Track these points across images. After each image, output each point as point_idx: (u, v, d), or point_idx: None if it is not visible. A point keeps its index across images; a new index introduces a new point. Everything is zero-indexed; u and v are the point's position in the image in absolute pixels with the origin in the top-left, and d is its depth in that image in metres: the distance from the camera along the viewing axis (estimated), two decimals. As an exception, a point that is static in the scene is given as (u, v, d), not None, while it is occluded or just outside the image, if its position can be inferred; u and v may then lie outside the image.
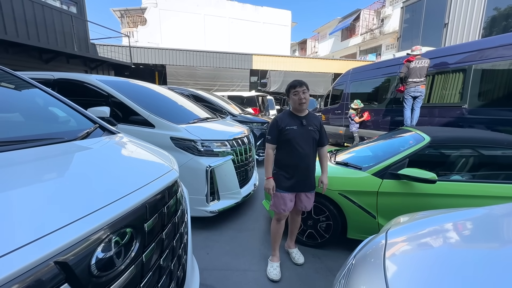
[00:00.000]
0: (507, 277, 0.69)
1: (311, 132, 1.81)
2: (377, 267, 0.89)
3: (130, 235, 0.83)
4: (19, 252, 0.54)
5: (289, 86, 1.82)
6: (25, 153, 0.97)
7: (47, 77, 2.87)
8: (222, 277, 1.88)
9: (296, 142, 1.78)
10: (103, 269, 0.71)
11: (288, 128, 1.78)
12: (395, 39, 13.68)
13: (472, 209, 1.10)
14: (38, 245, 0.58)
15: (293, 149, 1.79)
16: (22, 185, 0.78)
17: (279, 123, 1.81)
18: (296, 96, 1.77)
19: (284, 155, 1.85)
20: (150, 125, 2.56)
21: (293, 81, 1.82)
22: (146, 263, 0.90)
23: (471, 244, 0.92)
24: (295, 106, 1.82)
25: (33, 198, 0.72)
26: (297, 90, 1.77)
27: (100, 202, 0.78)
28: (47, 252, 0.57)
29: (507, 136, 2.10)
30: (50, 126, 1.59)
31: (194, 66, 12.94)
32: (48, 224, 0.63)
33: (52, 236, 0.61)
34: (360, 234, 2.09)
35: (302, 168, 1.82)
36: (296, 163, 1.81)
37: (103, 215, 0.74)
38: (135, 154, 1.34)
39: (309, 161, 1.82)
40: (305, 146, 1.79)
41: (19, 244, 0.56)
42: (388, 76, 5.40)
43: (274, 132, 1.82)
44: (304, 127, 1.79)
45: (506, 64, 3.55)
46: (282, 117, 1.85)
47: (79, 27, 6.85)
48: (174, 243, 1.16)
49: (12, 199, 0.70)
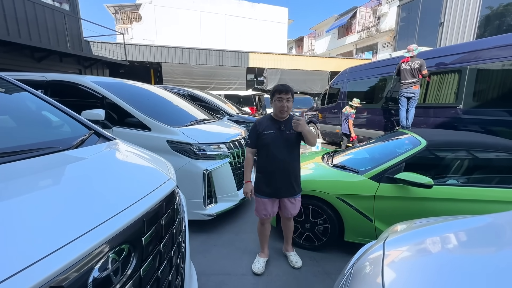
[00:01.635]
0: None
1: (290, 136, 1.76)
2: (375, 280, 0.89)
3: (127, 251, 0.82)
4: (14, 280, 0.53)
5: (274, 90, 1.74)
6: (18, 166, 0.95)
7: (40, 78, 2.81)
8: (220, 282, 1.88)
9: (273, 147, 1.75)
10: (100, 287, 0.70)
11: (266, 133, 1.76)
12: (392, 37, 13.74)
13: (473, 217, 1.10)
14: (33, 270, 0.56)
15: (270, 154, 1.77)
16: (16, 203, 0.76)
17: (258, 127, 1.79)
18: (280, 103, 1.71)
19: (262, 160, 1.83)
20: (146, 128, 2.53)
21: (279, 85, 1.73)
22: (144, 277, 0.89)
23: (471, 255, 0.93)
24: (276, 112, 1.78)
25: (26, 218, 0.70)
26: (282, 96, 1.70)
27: (97, 219, 0.76)
28: (42, 277, 0.56)
29: (502, 140, 2.13)
30: (43, 133, 1.56)
31: (190, 64, 12.81)
32: (42, 247, 0.62)
33: (47, 260, 0.59)
34: (357, 237, 2.10)
35: (280, 174, 1.79)
36: (274, 168, 1.78)
37: (100, 233, 0.73)
38: (131, 164, 1.32)
39: (288, 166, 1.79)
40: (283, 151, 1.76)
41: (13, 271, 0.54)
42: (385, 75, 5.42)
43: (253, 136, 1.82)
44: (282, 132, 1.76)
45: (499, 65, 3.58)
46: (261, 121, 1.83)
47: (72, 24, 6.70)
48: (172, 253, 1.15)
49: (5, 218, 0.68)
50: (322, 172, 2.43)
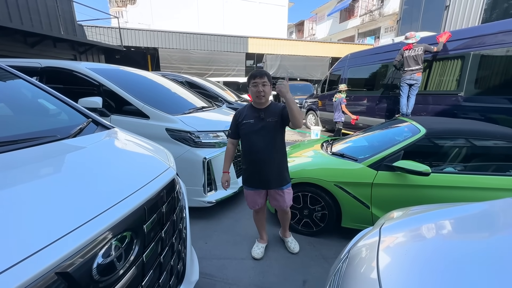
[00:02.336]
0: (502, 275, 0.73)
1: (269, 124, 1.68)
2: (370, 264, 0.92)
3: (130, 238, 0.84)
4: (21, 266, 0.55)
5: (248, 76, 1.68)
6: (19, 155, 0.95)
7: (34, 65, 2.75)
8: (221, 266, 1.94)
9: (253, 136, 1.70)
10: (104, 274, 0.72)
11: (245, 122, 1.71)
12: (395, 21, 13.33)
13: (467, 205, 1.13)
14: (39, 257, 0.58)
15: (250, 143, 1.72)
16: (20, 191, 0.77)
17: (237, 117, 1.76)
18: (255, 88, 1.63)
19: (245, 151, 1.80)
20: (144, 116, 2.51)
21: (253, 71, 1.67)
22: (147, 263, 0.92)
23: (465, 241, 0.95)
24: (253, 99, 1.70)
25: (30, 207, 0.72)
26: (256, 81, 1.62)
27: (99, 208, 0.77)
28: (48, 263, 0.58)
29: (501, 128, 2.13)
30: (40, 121, 1.54)
31: (188, 49, 12.51)
32: (47, 235, 0.63)
33: (52, 247, 0.61)
34: (354, 223, 2.15)
35: (261, 164, 1.73)
36: (255, 158, 1.73)
37: (103, 221, 0.74)
38: (131, 153, 1.32)
39: (269, 156, 1.72)
40: (263, 140, 1.69)
41: (20, 257, 0.56)
42: (387, 62, 5.31)
43: (233, 126, 1.79)
44: (262, 120, 1.68)
45: (504, 50, 3.51)
46: (241, 110, 1.78)
47: (64, 8, 6.44)
48: (174, 240, 1.18)
49: (10, 208, 0.69)
50: (321, 160, 2.44)
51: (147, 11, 16.00)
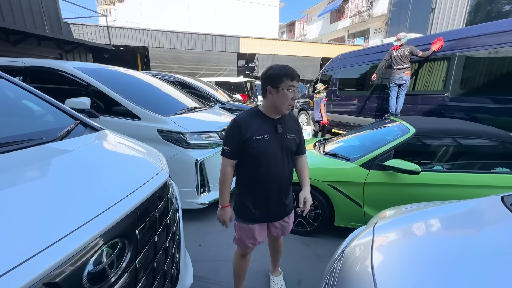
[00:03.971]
0: (489, 268, 0.75)
1: (288, 142, 1.28)
2: (364, 262, 0.93)
3: (122, 243, 0.82)
4: (6, 278, 0.52)
5: (283, 73, 1.16)
6: (2, 160, 0.90)
7: (17, 64, 2.64)
8: (214, 268, 1.93)
9: (268, 158, 1.24)
10: (95, 282, 0.70)
11: (257, 138, 1.21)
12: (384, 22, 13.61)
13: (455, 202, 1.16)
14: (26, 267, 0.55)
15: (263, 168, 1.25)
16: (4, 198, 0.73)
17: (243, 130, 1.21)
18: (291, 94, 1.18)
19: (250, 176, 1.31)
20: (135, 117, 2.45)
21: (285, 68, 1.18)
22: (140, 268, 0.89)
23: (455, 237, 0.98)
24: (282, 107, 1.21)
25: (16, 214, 0.68)
26: (295, 85, 1.19)
27: (89, 214, 0.75)
28: (36, 274, 0.55)
29: (487, 128, 2.21)
30: (25, 123, 1.48)
31: (179, 48, 12.34)
32: (34, 243, 0.60)
33: (40, 256, 0.58)
34: (347, 222, 2.18)
35: (277, 193, 1.33)
36: (269, 188, 1.30)
37: (93, 227, 0.72)
38: (122, 155, 1.29)
39: (284, 182, 1.34)
40: (278, 164, 1.27)
41: (5, 269, 0.53)
42: (376, 62, 5.41)
43: (235, 143, 1.24)
44: (279, 135, 1.26)
45: (486, 52, 3.64)
46: (246, 120, 1.24)
47: (49, 4, 6.21)
48: (167, 244, 1.16)
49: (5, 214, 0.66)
50: (314, 160, 2.46)
51: (136, 9, 15.69)
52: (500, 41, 3.45)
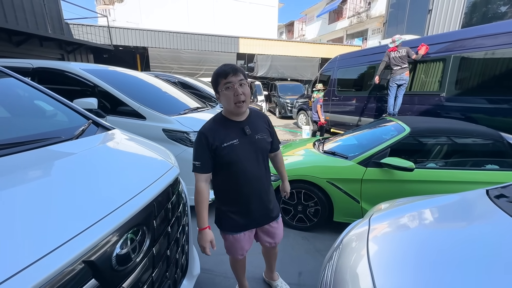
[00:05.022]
0: (474, 252, 0.85)
1: (260, 143, 1.23)
2: (361, 250, 1.03)
3: (142, 231, 0.90)
4: (57, 252, 0.61)
5: (217, 74, 1.13)
6: (32, 156, 0.99)
7: (25, 65, 2.71)
8: (219, 261, 2.01)
9: (243, 163, 1.19)
10: (122, 263, 0.79)
11: (227, 145, 1.16)
12: (381, 23, 13.74)
13: (445, 195, 1.26)
14: (69, 247, 0.64)
15: (238, 175, 1.21)
16: (43, 189, 0.82)
17: (210, 140, 1.15)
18: (230, 91, 1.10)
19: (225, 186, 1.27)
20: (140, 117, 2.54)
21: (222, 67, 1.14)
22: (157, 255, 0.98)
23: (444, 227, 1.08)
24: (230, 108, 1.14)
25: (53, 201, 0.77)
26: (230, 80, 1.09)
27: (116, 203, 0.84)
28: (77, 253, 0.64)
29: (477, 127, 2.31)
30: (42, 123, 1.57)
31: (178, 49, 12.39)
32: (73, 227, 0.69)
33: (79, 238, 0.67)
34: (345, 217, 2.28)
35: (257, 197, 1.27)
36: (249, 192, 1.25)
37: (121, 214, 0.81)
38: (136, 153, 1.37)
39: (262, 185, 1.28)
40: (253, 166, 1.22)
41: (56, 245, 0.62)
42: (374, 63, 5.52)
43: (205, 155, 1.17)
44: (249, 137, 1.20)
45: (481, 54, 3.75)
46: (212, 129, 1.18)
47: (51, 6, 6.27)
48: (178, 235, 1.25)
49: (37, 203, 0.75)
50: (314, 158, 2.55)
51: (135, 9, 15.72)
52: (494, 43, 3.56)
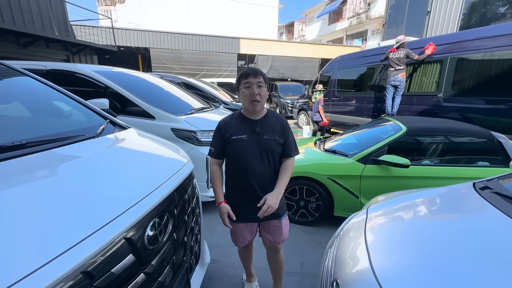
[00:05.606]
0: (456, 232, 0.97)
1: (268, 143, 1.31)
2: (359, 235, 1.15)
3: (166, 217, 1.02)
4: (104, 230, 0.73)
5: (240, 75, 1.30)
6: (68, 151, 1.11)
7: (39, 67, 2.83)
8: (226, 253, 2.14)
9: (246, 157, 1.31)
10: (151, 243, 0.91)
11: (235, 138, 1.31)
12: (381, 24, 13.88)
13: (435, 188, 1.39)
14: (113, 225, 0.76)
15: (241, 166, 1.32)
16: (87, 178, 0.95)
17: (223, 130, 1.34)
18: (248, 90, 1.25)
19: (232, 176, 1.39)
20: (150, 117, 2.66)
21: (245, 69, 1.32)
22: (177, 240, 1.11)
23: (434, 214, 1.21)
24: (246, 105, 1.30)
25: (97, 188, 0.91)
26: (250, 81, 1.24)
27: (145, 192, 0.96)
28: (119, 231, 0.76)
29: (469, 126, 2.44)
30: (63, 122, 1.68)
31: (179, 49, 12.51)
32: (114, 209, 0.81)
33: (120, 219, 0.79)
34: (345, 212, 2.40)
35: (255, 193, 1.34)
36: (246, 186, 1.34)
37: (149, 201, 0.93)
38: (154, 149, 1.50)
39: (264, 181, 1.35)
40: (258, 163, 1.32)
41: (102, 224, 0.74)
42: (373, 65, 5.65)
43: (218, 142, 1.36)
44: (258, 135, 1.31)
45: (479, 56, 3.87)
46: (228, 122, 1.36)
47: (57, 8, 6.40)
48: (193, 224, 1.37)
49: (87, 189, 0.88)
50: (315, 156, 2.68)
51: (137, 10, 15.86)
52: (491, 45, 3.67)
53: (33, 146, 1.03)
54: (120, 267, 0.75)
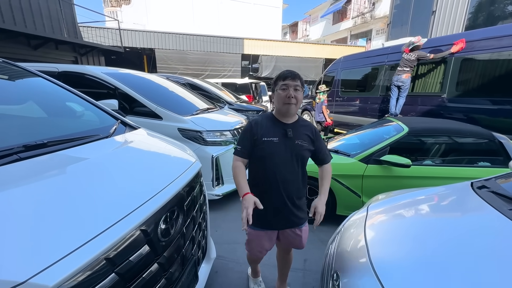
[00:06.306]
0: (455, 231, 1.02)
1: (299, 148, 1.27)
2: (359, 232, 1.20)
3: (176, 212, 1.10)
4: (124, 221, 0.81)
5: (277, 77, 1.29)
6: (85, 149, 1.18)
7: (51, 69, 2.94)
8: (231, 249, 2.21)
9: (275, 161, 1.26)
10: (164, 236, 0.98)
11: (266, 140, 1.26)
12: (386, 24, 13.81)
13: (434, 187, 1.43)
14: (130, 218, 0.83)
15: (268, 170, 1.27)
16: (105, 174, 1.03)
17: (254, 130, 1.28)
18: (284, 92, 1.22)
19: (258, 179, 1.32)
20: (157, 117, 2.74)
21: (284, 71, 1.28)
22: (186, 233, 1.18)
23: (431, 212, 1.25)
24: (279, 106, 1.27)
25: (116, 184, 0.99)
26: (288, 83, 1.22)
27: (158, 188, 1.03)
28: (136, 223, 0.83)
29: (471, 127, 2.46)
30: (77, 123, 1.77)
31: (184, 50, 12.66)
32: (130, 203, 0.89)
33: (136, 213, 0.86)
34: (347, 211, 2.44)
35: (286, 199, 1.29)
36: (271, 191, 1.29)
37: (162, 197, 1.00)
38: (164, 148, 1.57)
39: (292, 188, 1.31)
40: (287, 168, 1.27)
41: (122, 215, 0.82)
42: (377, 65, 5.66)
43: (247, 142, 1.29)
44: (289, 140, 1.27)
45: (484, 56, 3.87)
46: (259, 122, 1.30)
47: (66, 10, 6.56)
48: (200, 220, 1.44)
49: (107, 184, 0.96)
50: (318, 156, 2.72)
51: (142, 11, 16.06)
52: (496, 45, 3.66)
53: (53, 145, 1.11)
54: (136, 256, 0.82)
